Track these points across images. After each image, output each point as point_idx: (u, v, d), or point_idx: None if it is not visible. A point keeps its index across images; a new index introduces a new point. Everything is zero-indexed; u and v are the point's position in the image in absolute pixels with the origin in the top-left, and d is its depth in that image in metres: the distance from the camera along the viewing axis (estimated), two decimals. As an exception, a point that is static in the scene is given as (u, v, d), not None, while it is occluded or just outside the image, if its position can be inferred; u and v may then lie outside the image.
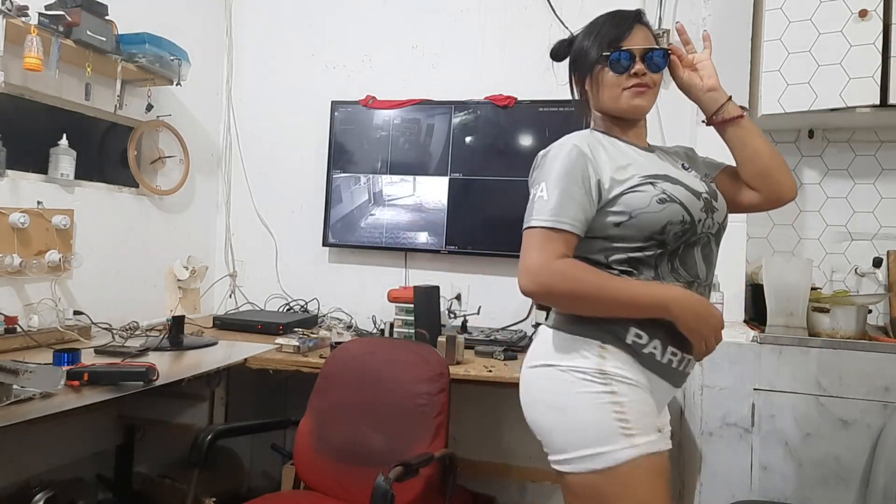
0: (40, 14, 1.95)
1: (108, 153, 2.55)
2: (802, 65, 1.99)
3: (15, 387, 1.47)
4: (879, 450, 1.70)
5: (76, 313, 2.19)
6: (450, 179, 2.63)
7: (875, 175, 2.27)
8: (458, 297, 2.65)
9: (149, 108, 2.51)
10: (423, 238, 2.67)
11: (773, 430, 1.80)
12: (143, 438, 2.38)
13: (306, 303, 2.84)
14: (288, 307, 2.86)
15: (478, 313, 2.57)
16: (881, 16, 1.90)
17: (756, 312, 2.10)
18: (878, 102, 1.90)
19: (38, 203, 2.09)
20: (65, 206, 2.20)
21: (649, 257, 1.13)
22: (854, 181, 2.29)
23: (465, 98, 2.65)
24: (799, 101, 2.00)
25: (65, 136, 2.19)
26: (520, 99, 2.57)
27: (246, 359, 2.06)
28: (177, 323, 2.16)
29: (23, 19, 1.88)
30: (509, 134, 2.57)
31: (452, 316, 2.52)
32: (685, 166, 1.26)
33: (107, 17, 2.15)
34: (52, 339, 2.02)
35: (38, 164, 2.18)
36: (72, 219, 2.20)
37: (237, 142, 3.03)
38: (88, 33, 2.06)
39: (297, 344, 2.13)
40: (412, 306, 2.22)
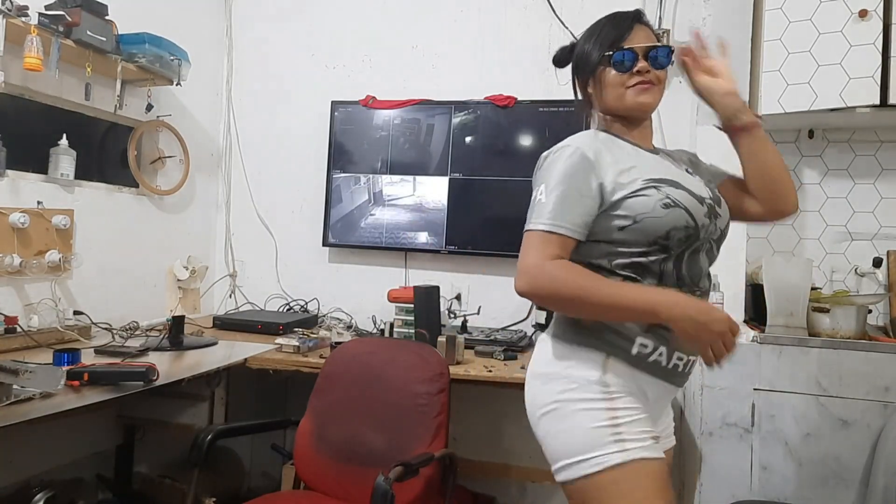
0: (40, 14, 1.95)
1: (108, 153, 2.55)
2: (802, 65, 1.99)
3: (15, 387, 1.47)
4: (879, 450, 1.70)
5: (76, 313, 2.19)
6: (450, 179, 2.63)
7: (875, 175, 2.27)
8: (458, 297, 2.65)
9: (149, 108, 2.51)
10: (423, 238, 2.67)
11: (773, 430, 1.80)
12: (143, 438, 2.38)
13: (306, 303, 2.84)
14: (288, 307, 2.86)
15: (478, 313, 2.57)
16: (881, 16, 1.90)
17: (756, 312, 2.10)
18: (878, 102, 1.91)
19: (38, 203, 2.09)
20: (65, 206, 2.20)
21: (653, 262, 1.13)
22: (854, 181, 2.29)
23: (465, 98, 2.64)
24: (799, 101, 2.00)
25: (65, 136, 2.19)
26: (520, 99, 2.57)
27: (246, 359, 2.07)
28: (177, 323, 2.16)
29: (23, 19, 1.88)
30: (509, 134, 2.57)
31: (452, 316, 2.52)
32: (689, 171, 1.25)
33: (107, 17, 2.15)
34: (52, 339, 2.02)
35: (38, 164, 2.18)
36: (72, 219, 2.20)
37: (237, 142, 3.03)
38: (88, 33, 2.06)
39: (297, 344, 2.13)
40: (412, 306, 2.22)
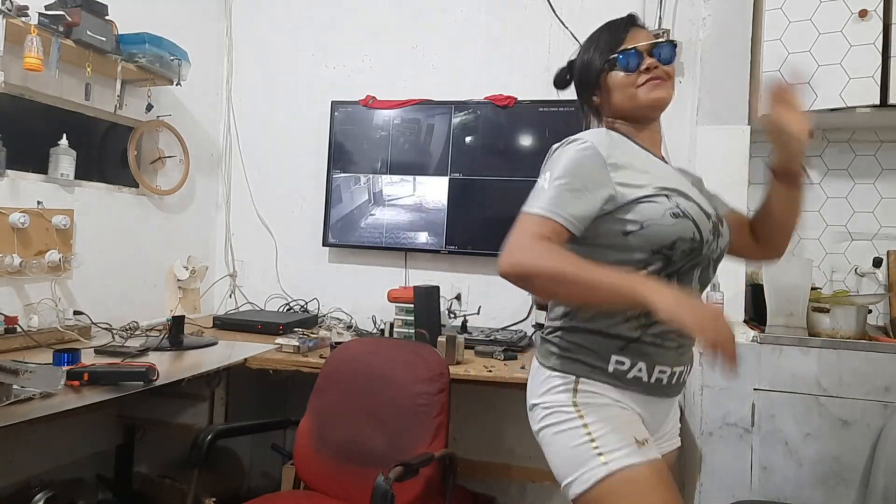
0: (40, 14, 1.95)
1: (108, 153, 2.55)
2: (802, 65, 1.99)
3: (15, 387, 1.48)
4: (879, 450, 1.70)
5: (76, 313, 2.19)
6: (450, 179, 2.63)
7: (875, 175, 2.27)
8: (458, 297, 2.65)
9: (149, 108, 2.51)
10: (423, 238, 2.67)
11: (773, 430, 1.80)
12: (143, 438, 2.38)
13: (306, 303, 2.84)
14: (288, 307, 2.86)
15: (478, 313, 2.57)
16: (881, 16, 1.90)
17: (756, 312, 2.10)
18: (878, 102, 1.90)
19: (38, 203, 2.09)
20: (65, 206, 2.20)
21: (653, 273, 1.10)
22: (854, 181, 2.29)
23: (465, 98, 2.64)
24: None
25: (65, 136, 2.19)
26: (520, 99, 2.57)
27: (246, 359, 2.07)
28: (177, 323, 2.16)
29: (23, 19, 1.88)
30: (509, 134, 2.57)
31: (452, 316, 2.52)
32: (696, 188, 1.23)
33: (107, 17, 2.15)
34: (52, 339, 2.02)
35: (38, 164, 2.18)
36: (72, 219, 2.20)
37: (237, 142, 3.03)
38: (88, 33, 2.06)
39: (297, 344, 2.13)
40: (412, 306, 2.22)
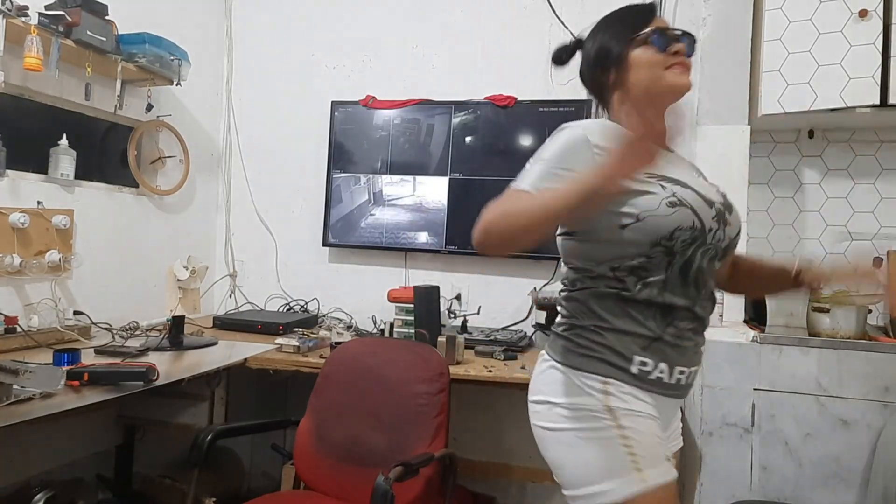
0: (40, 14, 1.95)
1: (108, 153, 2.55)
2: (802, 65, 1.99)
3: (15, 387, 1.47)
4: (879, 450, 1.70)
5: (76, 313, 2.19)
6: (450, 179, 2.63)
7: (875, 175, 2.27)
8: (458, 297, 2.65)
9: (149, 108, 2.51)
10: (422, 238, 2.67)
11: (773, 430, 1.80)
12: (143, 438, 2.38)
13: (306, 303, 2.84)
14: (288, 307, 2.86)
15: (478, 313, 2.57)
16: (881, 16, 1.90)
17: (756, 312, 2.10)
18: (878, 102, 1.91)
19: (38, 203, 2.09)
20: (65, 206, 2.20)
21: (657, 266, 1.08)
22: (854, 181, 2.29)
23: (465, 98, 2.64)
24: (799, 101, 2.00)
25: (65, 136, 2.19)
26: (520, 99, 2.57)
27: (246, 359, 2.06)
28: (177, 323, 2.16)
29: (23, 19, 1.88)
30: (509, 134, 2.57)
31: (452, 316, 2.52)
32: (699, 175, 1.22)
33: (107, 17, 2.15)
34: (52, 339, 2.02)
35: (38, 164, 2.18)
36: (72, 219, 2.19)
37: (237, 142, 3.03)
38: (88, 33, 2.06)
39: (297, 344, 2.13)
40: (412, 306, 2.22)
